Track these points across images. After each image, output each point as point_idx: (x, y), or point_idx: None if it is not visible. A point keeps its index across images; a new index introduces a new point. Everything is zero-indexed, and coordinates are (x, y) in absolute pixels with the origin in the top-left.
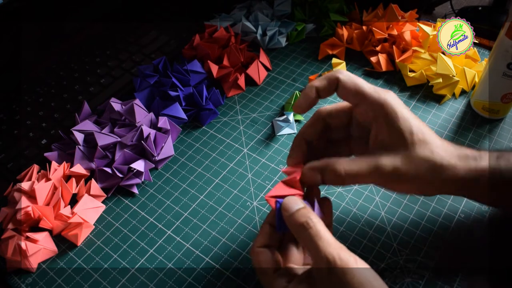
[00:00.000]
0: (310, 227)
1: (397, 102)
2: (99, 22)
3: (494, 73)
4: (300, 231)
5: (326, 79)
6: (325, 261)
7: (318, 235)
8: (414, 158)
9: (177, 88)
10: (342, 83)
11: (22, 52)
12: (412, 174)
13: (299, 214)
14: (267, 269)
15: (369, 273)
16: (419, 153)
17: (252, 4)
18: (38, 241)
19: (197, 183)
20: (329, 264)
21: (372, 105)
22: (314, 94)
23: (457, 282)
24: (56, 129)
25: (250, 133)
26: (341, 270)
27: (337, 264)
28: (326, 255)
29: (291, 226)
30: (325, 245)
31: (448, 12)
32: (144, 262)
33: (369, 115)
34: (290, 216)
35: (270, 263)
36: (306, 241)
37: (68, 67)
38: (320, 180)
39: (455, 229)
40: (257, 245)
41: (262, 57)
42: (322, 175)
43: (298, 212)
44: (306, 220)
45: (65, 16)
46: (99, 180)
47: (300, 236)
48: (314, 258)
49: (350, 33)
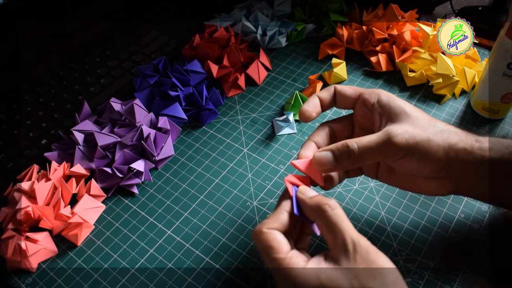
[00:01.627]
0: (333, 208)
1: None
2: (99, 22)
3: (494, 73)
4: (322, 213)
5: (326, 90)
6: (350, 242)
7: (341, 218)
8: (420, 124)
9: (177, 88)
10: (339, 89)
11: (22, 52)
12: (423, 136)
13: (317, 198)
14: (281, 248)
15: (387, 260)
16: (423, 121)
17: (252, 4)
18: (38, 241)
19: (197, 183)
20: (354, 244)
21: (370, 95)
22: (318, 101)
23: (457, 282)
24: (56, 129)
25: (250, 133)
26: (365, 250)
27: (361, 245)
28: (352, 236)
29: (311, 208)
30: (349, 228)
31: (448, 12)
32: (144, 262)
33: (369, 105)
34: (311, 199)
35: (285, 242)
36: (329, 222)
37: (68, 67)
38: (333, 161)
39: (456, 229)
40: (267, 226)
41: (262, 57)
42: (335, 154)
43: (316, 198)
44: (327, 203)
45: (65, 16)
46: (99, 180)
47: (321, 217)
48: (338, 238)
49: (350, 33)
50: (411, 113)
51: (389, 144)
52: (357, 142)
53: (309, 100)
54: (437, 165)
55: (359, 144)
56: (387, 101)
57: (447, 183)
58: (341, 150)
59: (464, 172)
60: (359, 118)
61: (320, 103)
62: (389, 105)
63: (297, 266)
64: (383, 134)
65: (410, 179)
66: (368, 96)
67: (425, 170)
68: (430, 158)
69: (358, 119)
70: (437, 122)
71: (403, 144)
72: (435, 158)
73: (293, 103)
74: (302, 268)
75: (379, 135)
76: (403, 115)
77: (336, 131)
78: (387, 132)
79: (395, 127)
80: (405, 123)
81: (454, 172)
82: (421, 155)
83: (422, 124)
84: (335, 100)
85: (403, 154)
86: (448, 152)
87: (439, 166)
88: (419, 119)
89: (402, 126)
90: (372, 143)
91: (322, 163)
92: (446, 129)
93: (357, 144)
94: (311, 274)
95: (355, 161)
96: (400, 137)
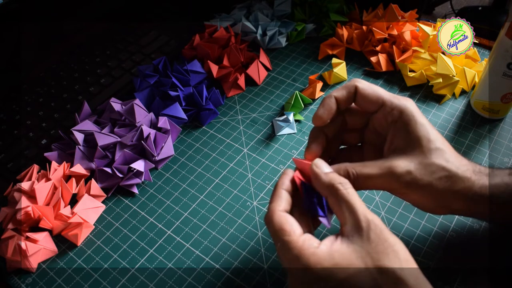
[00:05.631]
0: (346, 187)
1: (416, 109)
2: (99, 22)
3: (494, 73)
4: (335, 191)
5: (345, 88)
6: (364, 219)
7: (355, 196)
8: (429, 164)
9: (177, 88)
10: (361, 91)
11: (22, 52)
12: (425, 180)
13: (332, 175)
14: (294, 231)
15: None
16: (435, 160)
17: (252, 4)
18: (38, 241)
19: (197, 183)
20: (368, 222)
21: (391, 110)
22: (334, 104)
23: (457, 282)
24: (56, 129)
25: (250, 133)
26: (379, 228)
27: (376, 223)
28: (366, 215)
29: (323, 185)
30: (363, 207)
31: (448, 12)
32: (144, 262)
33: (388, 120)
34: (326, 175)
35: (297, 226)
36: (342, 200)
37: (68, 67)
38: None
39: (456, 229)
40: (280, 208)
41: (262, 57)
42: None
43: (331, 174)
44: (341, 182)
45: (65, 16)
46: (99, 180)
47: (334, 195)
48: (351, 216)
49: (350, 33)
50: (425, 147)
51: (390, 179)
52: (357, 171)
53: (325, 103)
54: (436, 203)
55: (359, 173)
56: (406, 124)
57: (446, 210)
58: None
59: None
60: (375, 122)
61: (337, 103)
62: (405, 130)
63: (310, 248)
64: (385, 169)
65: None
66: (390, 110)
67: (424, 204)
68: (429, 198)
69: (374, 122)
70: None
71: (403, 183)
72: (434, 200)
73: (293, 103)
74: (316, 249)
75: (381, 169)
76: (415, 147)
77: (349, 121)
78: (390, 168)
79: (400, 164)
80: (413, 159)
81: (454, 206)
82: (420, 195)
83: (430, 164)
84: (354, 99)
85: (404, 191)
86: (449, 196)
87: (439, 204)
88: (431, 156)
89: (408, 164)
90: (372, 175)
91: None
92: (454, 175)
93: (357, 173)
94: (324, 255)
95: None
96: (401, 178)
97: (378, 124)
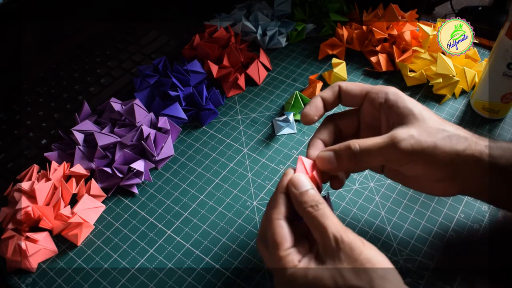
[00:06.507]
0: (317, 209)
1: (399, 91)
2: (99, 22)
3: (494, 73)
4: (308, 211)
5: (329, 89)
6: (333, 239)
7: (325, 215)
8: (429, 127)
9: (177, 88)
10: (344, 88)
11: (22, 52)
12: (430, 141)
13: (308, 194)
14: (283, 245)
15: (376, 251)
16: (433, 124)
17: (252, 4)
18: (38, 241)
19: (197, 183)
20: (337, 242)
21: (376, 94)
22: (320, 101)
23: (457, 282)
24: (56, 129)
25: (250, 133)
26: (348, 246)
27: (344, 241)
28: (334, 233)
29: (299, 205)
30: (332, 225)
31: (448, 12)
32: (144, 262)
33: (376, 104)
34: (300, 194)
35: (288, 238)
36: (314, 220)
37: (68, 67)
38: (335, 162)
39: (456, 229)
40: (278, 216)
41: (262, 57)
42: (337, 155)
43: (307, 193)
44: (312, 204)
45: (65, 16)
46: (99, 180)
47: (307, 216)
48: (321, 237)
49: (350, 33)
50: (419, 115)
51: (394, 149)
52: (360, 144)
53: (311, 102)
54: (442, 171)
55: (361, 146)
56: (395, 101)
57: (453, 186)
58: (343, 151)
59: (471, 177)
60: (366, 117)
61: (324, 103)
62: (396, 106)
63: (289, 266)
64: (388, 138)
65: (416, 180)
66: (375, 95)
67: (430, 175)
68: (435, 164)
69: (365, 117)
70: (446, 125)
71: (408, 150)
72: (440, 165)
73: (293, 103)
74: (294, 267)
75: (383, 139)
76: (410, 117)
77: (342, 127)
78: (392, 136)
79: (401, 131)
80: (412, 126)
81: (460, 177)
82: (426, 161)
83: (430, 127)
84: (340, 98)
85: (408, 160)
86: (455, 159)
87: (445, 172)
88: (426, 122)
89: (408, 130)
90: (375, 146)
91: (324, 163)
92: (454, 134)
93: (359, 146)
94: (301, 273)
95: (357, 163)
96: (405, 143)
97: (368, 115)
